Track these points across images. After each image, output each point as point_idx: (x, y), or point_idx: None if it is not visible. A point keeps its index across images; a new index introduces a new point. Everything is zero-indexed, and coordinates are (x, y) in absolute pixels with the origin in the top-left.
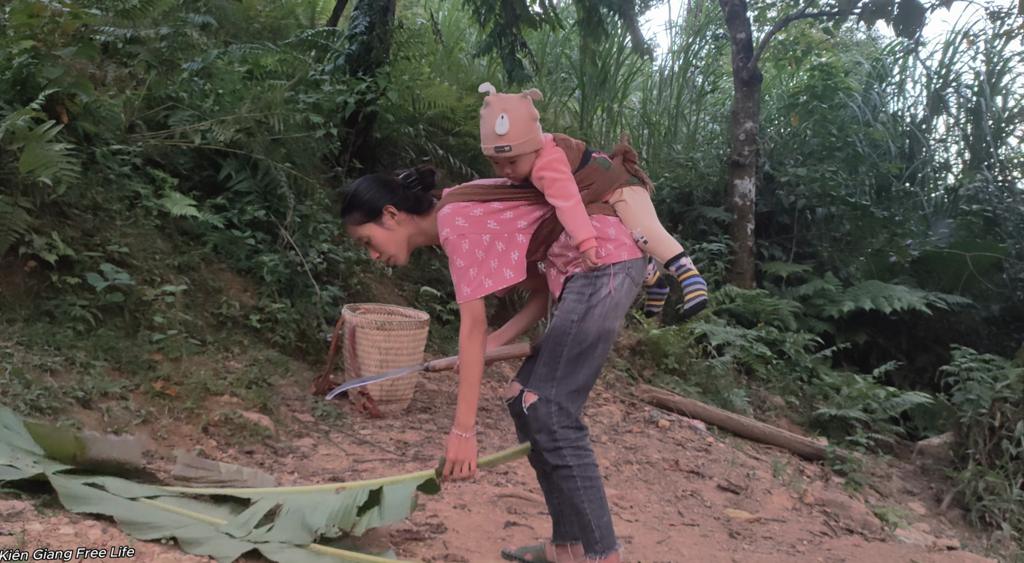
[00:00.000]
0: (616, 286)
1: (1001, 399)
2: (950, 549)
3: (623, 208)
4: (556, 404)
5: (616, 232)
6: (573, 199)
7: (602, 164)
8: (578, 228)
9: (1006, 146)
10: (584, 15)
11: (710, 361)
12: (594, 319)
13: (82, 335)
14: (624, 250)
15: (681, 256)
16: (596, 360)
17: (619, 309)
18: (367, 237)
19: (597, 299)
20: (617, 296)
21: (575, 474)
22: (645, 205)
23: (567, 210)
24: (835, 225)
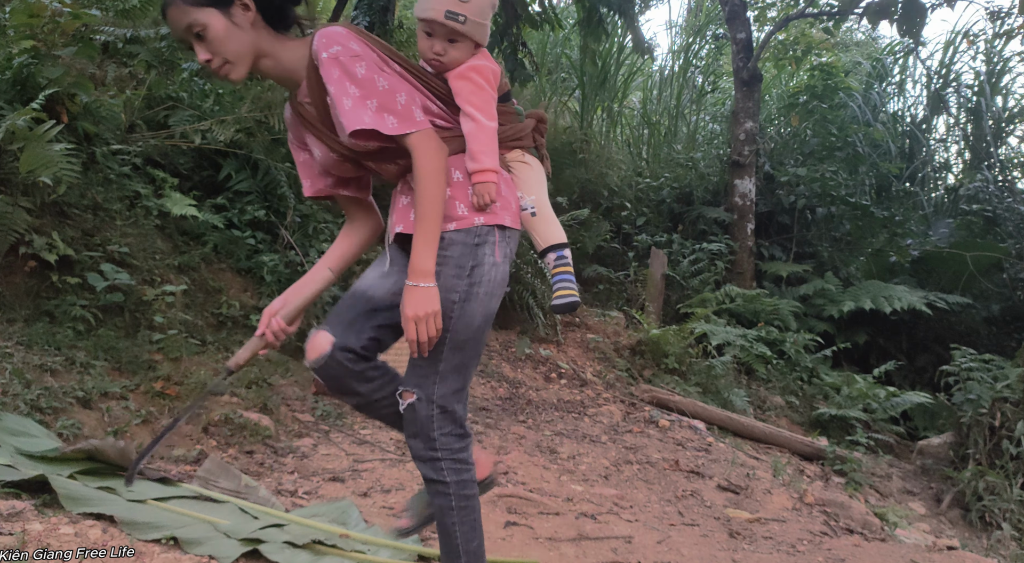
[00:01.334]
0: (497, 257)
1: (1001, 399)
2: (950, 549)
3: (522, 170)
4: (439, 406)
5: (508, 191)
6: (494, 121)
7: (518, 113)
8: (487, 152)
9: (1006, 146)
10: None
11: (710, 361)
12: (479, 300)
13: (82, 335)
14: (510, 215)
15: (565, 246)
16: (480, 349)
17: (502, 287)
18: (203, 26)
19: (480, 274)
20: (499, 271)
21: (450, 492)
22: (543, 180)
23: (484, 128)
24: (835, 225)
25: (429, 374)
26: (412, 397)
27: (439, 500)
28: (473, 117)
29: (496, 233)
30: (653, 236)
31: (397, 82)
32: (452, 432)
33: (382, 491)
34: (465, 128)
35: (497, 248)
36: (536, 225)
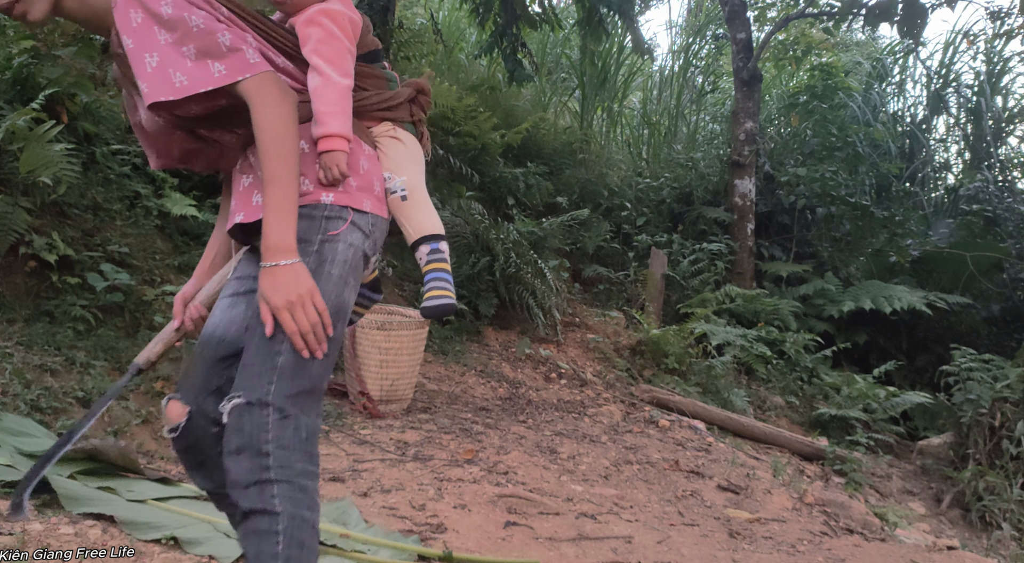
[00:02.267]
0: (351, 240)
1: (1001, 399)
2: (950, 549)
3: (391, 146)
4: (276, 408)
5: (370, 169)
6: (347, 78)
7: (388, 78)
8: (336, 114)
9: (1006, 146)
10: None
11: (710, 361)
12: (332, 281)
13: (82, 335)
14: (370, 198)
15: (442, 238)
16: (335, 345)
17: (356, 278)
18: None
19: (333, 251)
20: (354, 255)
21: (279, 529)
22: (419, 160)
23: (334, 85)
24: (835, 225)
25: (264, 371)
26: (240, 399)
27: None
28: (321, 71)
29: (351, 214)
30: (653, 236)
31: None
32: (296, 446)
33: (382, 491)
34: (311, 84)
35: (351, 228)
36: (406, 211)
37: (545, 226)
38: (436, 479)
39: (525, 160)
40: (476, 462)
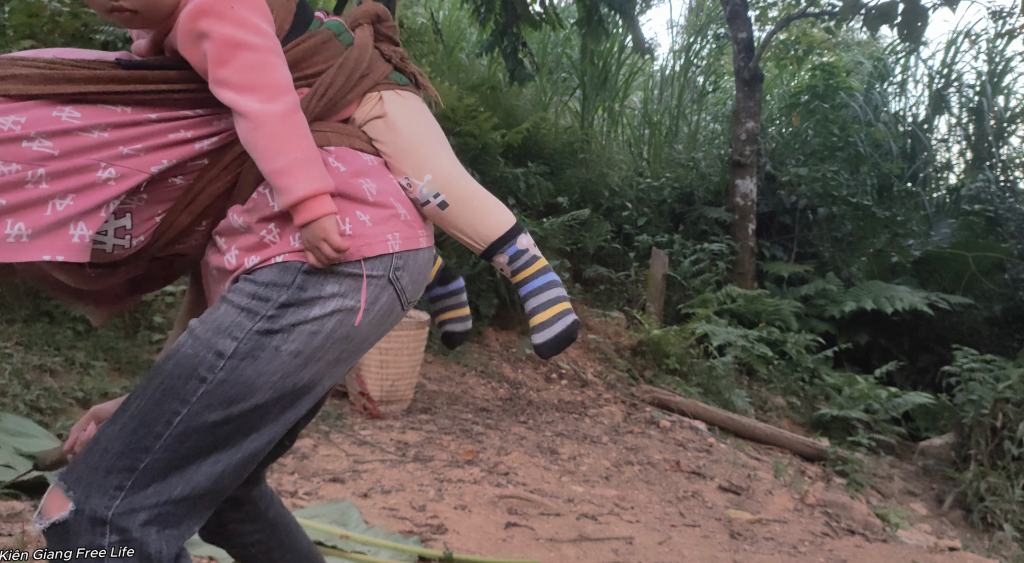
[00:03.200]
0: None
1: (1003, 400)
2: (952, 550)
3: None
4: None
5: (380, 187)
6: (281, 99)
7: (334, 31)
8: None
9: (1008, 146)
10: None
11: (711, 361)
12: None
13: (82, 335)
14: (394, 227)
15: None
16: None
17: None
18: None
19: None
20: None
21: None
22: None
23: (265, 124)
24: (837, 225)
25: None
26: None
27: None
28: (238, 110)
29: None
30: (654, 236)
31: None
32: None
33: (382, 492)
34: (240, 136)
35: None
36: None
37: (546, 226)
38: (436, 480)
39: (526, 160)
40: (477, 463)
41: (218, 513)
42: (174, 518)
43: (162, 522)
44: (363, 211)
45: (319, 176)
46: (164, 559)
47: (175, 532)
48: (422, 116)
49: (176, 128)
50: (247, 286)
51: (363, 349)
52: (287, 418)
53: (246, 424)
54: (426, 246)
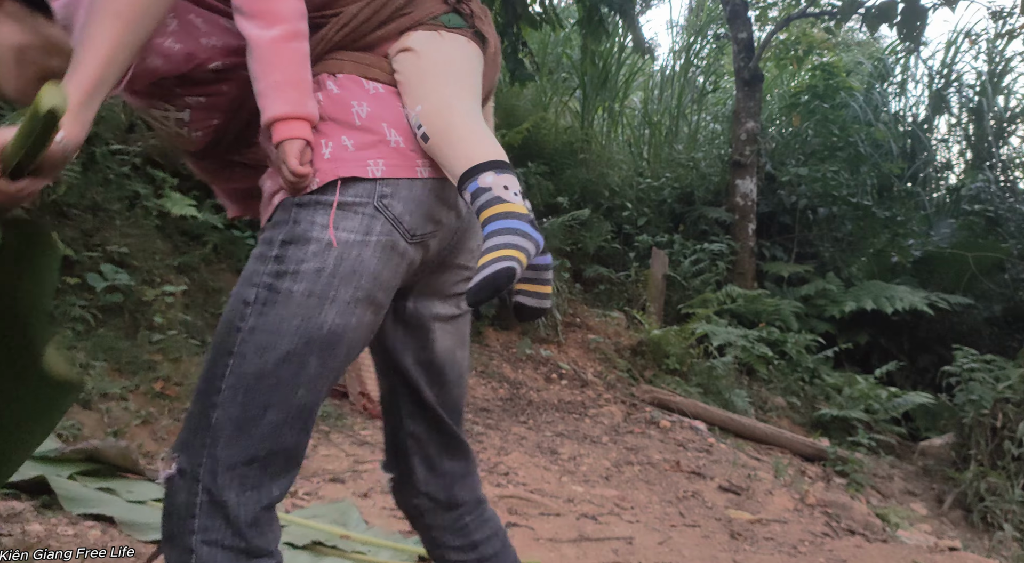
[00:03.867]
0: (342, 231)
1: (1003, 400)
2: (952, 550)
3: (404, 65)
4: (204, 488)
5: (373, 113)
6: (277, 27)
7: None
8: (269, 91)
9: (1008, 146)
10: (585, 15)
11: (711, 361)
12: (292, 304)
13: (82, 335)
14: (379, 155)
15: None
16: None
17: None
18: None
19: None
20: (348, 255)
21: None
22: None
23: (256, 50)
24: (837, 225)
25: (195, 427)
26: (171, 467)
27: None
28: (242, 32)
29: (335, 195)
30: (654, 236)
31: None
32: (221, 541)
33: (382, 492)
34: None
35: (338, 216)
36: (436, 150)
37: (546, 226)
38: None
39: (526, 160)
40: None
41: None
42: (250, 480)
43: (240, 484)
44: (348, 136)
45: (293, 100)
46: (240, 521)
47: (254, 495)
48: (452, 54)
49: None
50: (264, 231)
51: (381, 287)
52: (329, 368)
53: (286, 375)
54: (424, 176)
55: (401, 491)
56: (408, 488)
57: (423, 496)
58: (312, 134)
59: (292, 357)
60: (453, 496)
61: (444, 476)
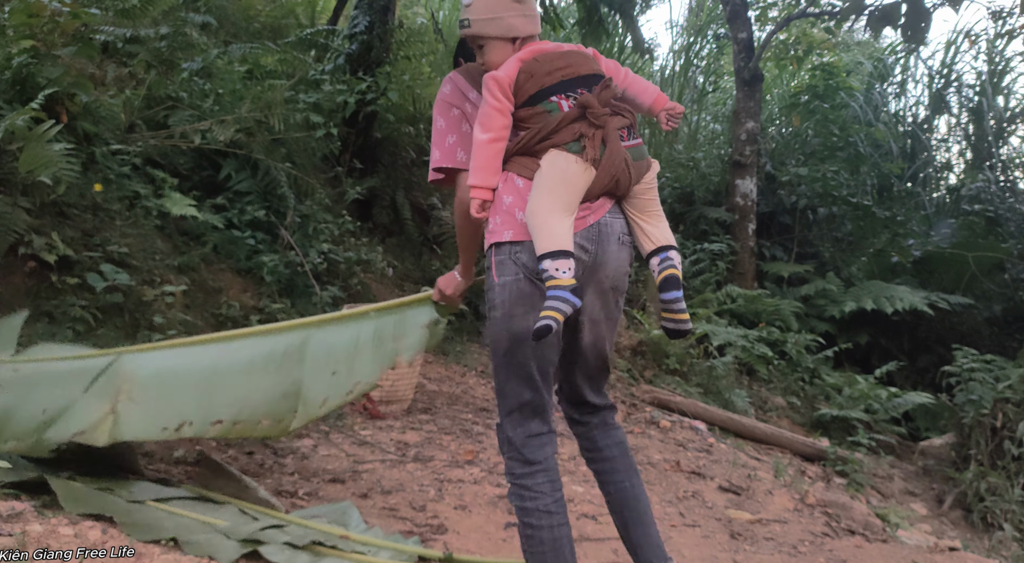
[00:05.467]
0: (501, 277)
1: (1003, 400)
2: (952, 550)
3: (537, 172)
4: (503, 431)
5: (513, 203)
6: (488, 133)
7: (549, 110)
8: (475, 168)
9: (1008, 146)
10: (584, 15)
11: (711, 361)
12: (497, 323)
13: (82, 335)
14: (510, 228)
15: (547, 257)
16: (522, 369)
17: (525, 302)
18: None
19: (492, 298)
20: (510, 290)
21: (519, 517)
22: (557, 180)
23: (475, 141)
24: (837, 225)
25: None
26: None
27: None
28: (474, 130)
29: (494, 252)
30: None
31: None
32: (513, 456)
33: (382, 492)
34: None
35: (498, 268)
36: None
37: None
38: (436, 480)
39: None
40: (477, 463)
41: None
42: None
43: (512, 424)
44: (498, 215)
45: (483, 177)
46: (516, 444)
47: (521, 430)
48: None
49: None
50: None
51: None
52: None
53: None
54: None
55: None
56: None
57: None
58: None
59: (510, 350)
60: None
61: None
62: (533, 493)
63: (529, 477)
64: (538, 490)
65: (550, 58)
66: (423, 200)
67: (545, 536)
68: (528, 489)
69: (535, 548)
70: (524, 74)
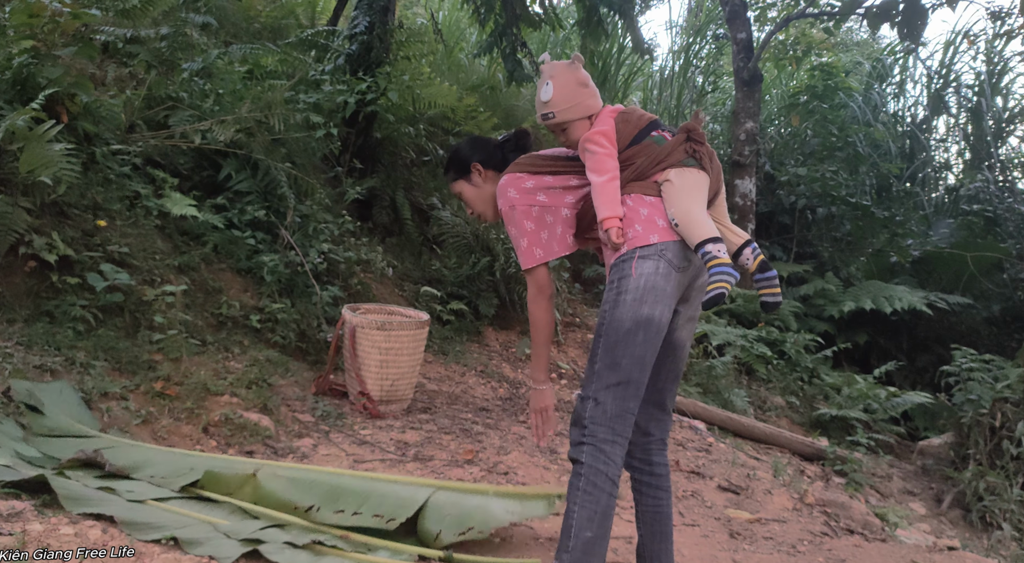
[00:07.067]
0: (640, 269)
1: (1002, 399)
2: (951, 549)
3: (667, 188)
4: (592, 399)
5: (650, 213)
6: (606, 175)
7: (656, 142)
8: (602, 205)
9: (1007, 146)
10: (584, 15)
11: (710, 361)
12: (626, 305)
13: (82, 335)
14: (655, 232)
15: (708, 242)
16: (637, 349)
17: (656, 294)
18: (459, 193)
19: (625, 285)
20: (646, 280)
21: (582, 473)
22: (692, 187)
23: (596, 185)
24: (836, 225)
25: (590, 374)
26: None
27: (572, 480)
28: (591, 178)
29: (638, 251)
30: None
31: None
32: (602, 422)
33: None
34: (592, 191)
35: (639, 262)
36: (684, 232)
37: None
38: (437, 480)
39: None
40: (476, 462)
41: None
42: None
43: (612, 395)
44: (639, 224)
45: (612, 209)
46: (610, 414)
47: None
48: (692, 181)
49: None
50: (610, 274)
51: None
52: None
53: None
54: (677, 240)
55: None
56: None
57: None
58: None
59: (633, 331)
60: (648, 429)
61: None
62: (608, 460)
63: (610, 445)
64: (614, 460)
65: (631, 111)
66: (423, 200)
67: (603, 500)
68: (606, 455)
69: (591, 507)
70: (620, 124)
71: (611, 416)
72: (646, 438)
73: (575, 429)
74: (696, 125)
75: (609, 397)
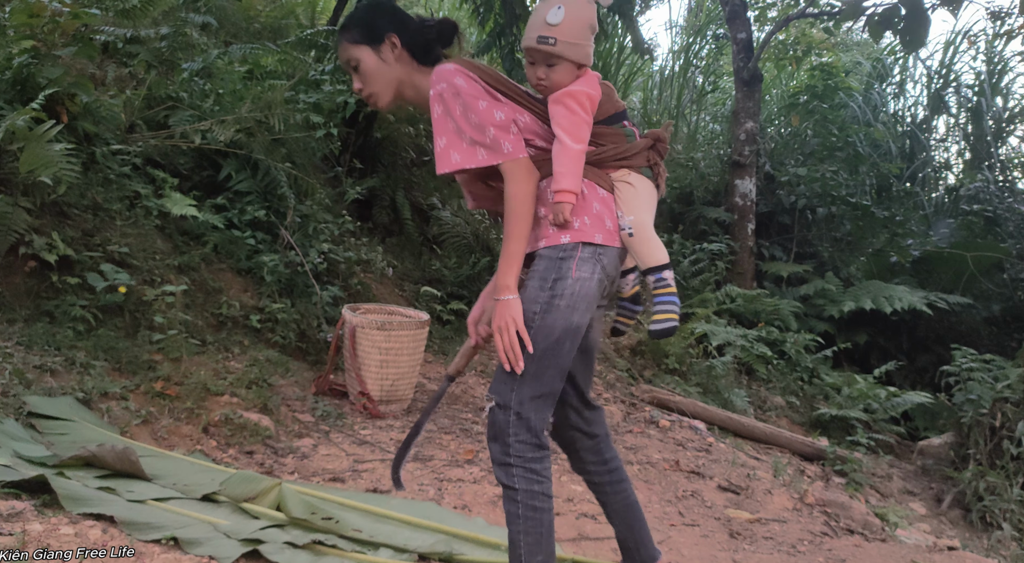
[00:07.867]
0: (580, 273)
1: (1002, 399)
2: (951, 549)
3: (624, 189)
4: (515, 413)
5: (601, 210)
6: (581, 144)
7: (627, 134)
8: (567, 173)
9: (1007, 146)
10: None
11: (711, 361)
12: (559, 312)
13: (82, 335)
14: (600, 232)
15: (665, 267)
16: (562, 360)
17: (587, 302)
18: (357, 61)
19: (561, 288)
20: (582, 285)
21: (519, 499)
22: (649, 198)
23: (567, 151)
24: (836, 225)
25: (508, 381)
26: (492, 402)
27: (508, 506)
28: (560, 139)
29: (581, 249)
30: None
31: (489, 114)
32: (527, 440)
33: (382, 491)
34: (553, 150)
35: (579, 263)
36: (634, 246)
37: None
38: (436, 479)
39: None
40: (476, 462)
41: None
42: (536, 405)
43: (535, 408)
44: (588, 217)
45: (574, 183)
46: (536, 428)
47: (541, 415)
48: (648, 193)
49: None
50: (537, 266)
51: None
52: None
53: (558, 349)
54: (618, 248)
55: (559, 428)
56: (564, 425)
57: (574, 430)
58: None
59: (561, 340)
60: (593, 430)
61: (586, 418)
62: (540, 477)
63: (539, 462)
64: (545, 475)
65: (611, 88)
66: (423, 200)
67: (545, 519)
68: (537, 473)
69: (535, 529)
70: (604, 97)
71: (536, 431)
72: (594, 440)
73: (497, 445)
74: (664, 135)
75: (532, 410)
